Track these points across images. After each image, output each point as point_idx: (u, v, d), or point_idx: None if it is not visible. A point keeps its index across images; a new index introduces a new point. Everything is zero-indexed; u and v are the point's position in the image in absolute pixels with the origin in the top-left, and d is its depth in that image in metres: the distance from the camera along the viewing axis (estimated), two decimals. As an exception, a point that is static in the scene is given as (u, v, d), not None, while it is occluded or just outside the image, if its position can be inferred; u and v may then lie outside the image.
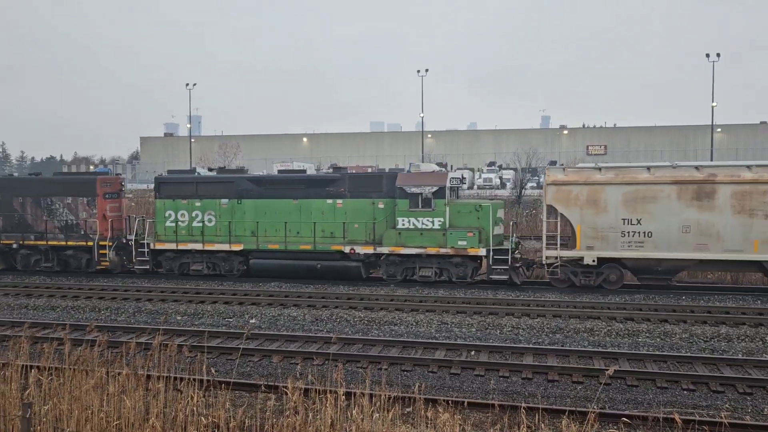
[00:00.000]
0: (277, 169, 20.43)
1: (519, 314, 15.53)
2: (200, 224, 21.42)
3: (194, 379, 8.43)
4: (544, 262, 18.50)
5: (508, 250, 18.63)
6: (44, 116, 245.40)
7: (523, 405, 7.88)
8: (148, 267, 21.56)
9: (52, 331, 13.12)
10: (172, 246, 21.37)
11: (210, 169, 27.11)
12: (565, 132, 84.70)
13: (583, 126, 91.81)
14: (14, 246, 22.66)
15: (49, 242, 22.47)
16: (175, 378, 8.60)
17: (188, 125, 77.97)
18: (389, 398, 7.77)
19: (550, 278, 18.60)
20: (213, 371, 9.27)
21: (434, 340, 13.37)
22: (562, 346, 13.07)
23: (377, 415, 7.39)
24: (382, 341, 13.16)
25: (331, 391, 7.81)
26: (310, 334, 13.82)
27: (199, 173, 23.86)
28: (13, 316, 15.84)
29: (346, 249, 19.81)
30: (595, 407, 8.06)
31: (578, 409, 8.36)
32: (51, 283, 20.65)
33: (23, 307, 17.27)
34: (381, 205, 19.86)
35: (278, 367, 11.50)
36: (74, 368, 8.06)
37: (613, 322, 14.74)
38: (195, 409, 7.66)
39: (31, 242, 22.61)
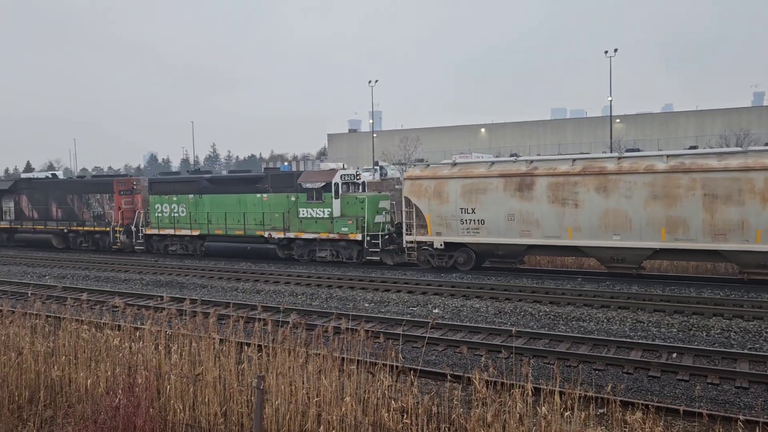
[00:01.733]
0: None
1: (730, 315, 13.91)
2: (176, 214, 27.38)
3: (384, 364, 8.77)
4: (404, 246, 21.68)
5: (379, 235, 22.08)
6: (247, 118, 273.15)
7: (741, 417, 7.00)
8: (143, 248, 28.07)
9: (258, 312, 14.49)
10: (156, 231, 27.85)
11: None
12: (783, 109, 73.91)
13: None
14: (65, 231, 31.19)
15: (86, 228, 30.57)
16: (367, 362, 9.00)
17: (370, 121, 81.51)
18: (580, 397, 7.39)
19: (413, 260, 21.73)
20: (401, 358, 9.56)
21: (629, 339, 12.47)
22: (785, 353, 11.42)
23: (568, 413, 7.07)
24: (569, 337, 12.59)
25: (518, 385, 7.63)
26: (494, 327, 13.66)
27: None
28: (226, 297, 17.78)
29: (266, 234, 24.56)
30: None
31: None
32: (255, 269, 22.85)
33: (234, 289, 19.31)
34: (293, 198, 24.03)
35: (462, 358, 11.54)
36: (279, 347, 8.75)
37: None
38: (385, 392, 7.94)
39: (75, 228, 30.82)
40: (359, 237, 22.33)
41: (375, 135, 78.97)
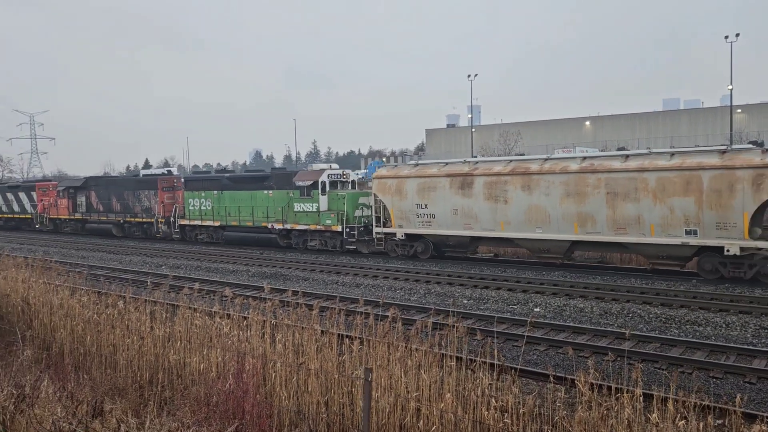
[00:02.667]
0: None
1: None
2: (204, 208, 31.36)
3: (484, 362, 8.64)
4: (374, 237, 24.63)
5: (355, 227, 25.01)
6: (348, 115, 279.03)
7: None
8: (179, 236, 32.61)
9: (358, 306, 14.75)
10: (188, 222, 32.20)
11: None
12: None
13: None
14: (122, 221, 36.31)
15: (137, 219, 35.40)
16: (466, 359, 8.91)
17: (469, 116, 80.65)
18: (695, 406, 6.91)
19: (382, 249, 24.63)
20: (501, 356, 9.38)
21: (751, 347, 11.53)
22: None
23: (682, 422, 6.63)
24: (683, 342, 11.83)
25: (627, 389, 7.25)
26: (599, 328, 13.10)
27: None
28: (327, 290, 18.25)
29: (269, 225, 28.09)
30: None
31: None
32: (355, 263, 23.30)
33: (334, 282, 19.79)
34: (291, 194, 27.35)
35: (566, 359, 11.16)
36: (379, 341, 8.84)
37: None
38: (485, 390, 7.82)
39: (129, 219, 35.81)
40: (340, 228, 25.42)
41: (473, 130, 78.04)
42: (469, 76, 68.84)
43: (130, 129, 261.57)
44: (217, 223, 30.76)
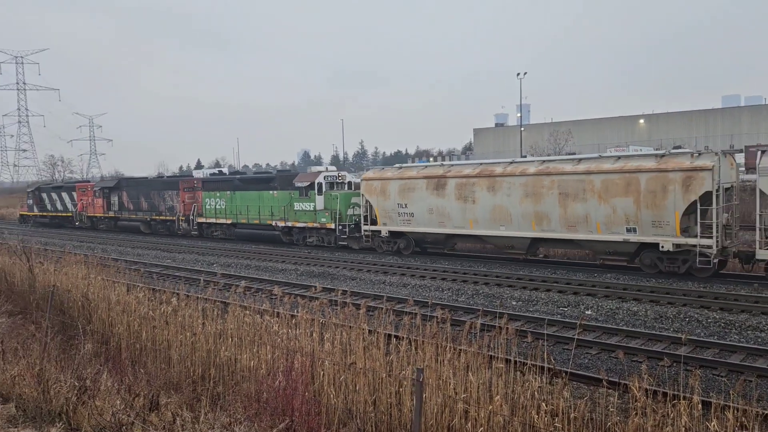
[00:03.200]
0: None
1: None
2: (218, 207, 34.01)
3: (533, 365, 8.50)
4: (362, 235, 26.46)
5: (347, 225, 27.17)
6: (394, 115, 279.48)
7: None
8: (197, 232, 35.50)
9: (406, 306, 14.75)
10: (204, 220, 34.97)
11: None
12: None
13: None
14: (149, 219, 39.04)
15: (161, 217, 38.25)
16: (515, 361, 8.78)
17: (518, 114, 79.58)
18: (758, 415, 6.62)
19: (371, 245, 26.32)
20: (551, 359, 9.21)
21: (818, 354, 10.97)
22: None
23: (743, 433, 6.36)
24: (744, 348, 11.35)
25: (684, 396, 7.00)
26: (654, 332, 12.70)
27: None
28: (374, 290, 18.32)
29: (273, 223, 30.53)
30: None
31: None
32: (402, 263, 23.31)
33: (381, 282, 19.84)
34: (292, 195, 29.47)
35: (618, 363, 10.86)
36: (427, 341, 8.81)
37: None
38: (535, 393, 7.69)
39: (155, 217, 38.64)
40: (333, 226, 27.58)
41: (522, 129, 76.94)
42: (518, 74, 67.85)
43: (183, 131, 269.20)
44: (229, 221, 33.51)
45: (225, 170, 72.49)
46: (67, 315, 13.55)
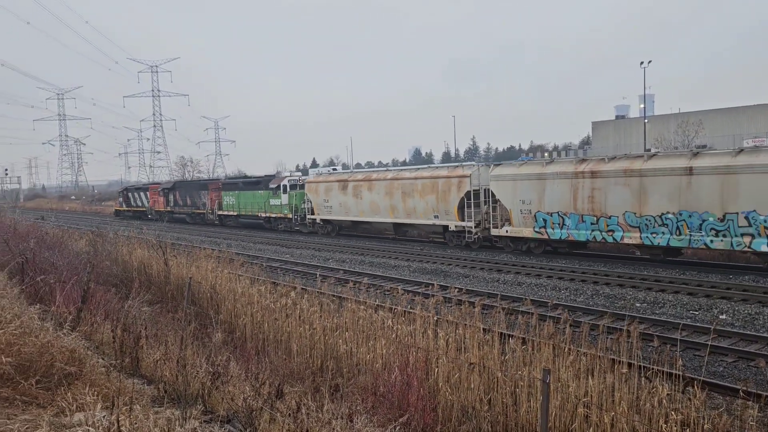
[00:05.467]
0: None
1: None
2: (231, 202, 45.01)
3: (661, 371, 8.01)
4: (307, 222, 36.64)
5: (298, 216, 37.52)
6: (507, 110, 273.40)
7: None
8: (218, 221, 46.95)
9: (522, 305, 14.44)
10: (222, 213, 46.21)
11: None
12: None
13: None
14: (190, 212, 49.98)
15: (198, 210, 49.49)
16: (640, 366, 8.33)
17: (641, 105, 75.10)
18: None
19: (313, 230, 36.48)
20: (680, 365, 8.64)
21: None
22: None
23: None
24: None
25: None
26: (801, 340, 11.53)
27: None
28: (487, 288, 18.08)
29: (259, 214, 41.32)
30: None
31: None
32: (516, 261, 22.83)
33: (495, 281, 19.54)
34: (270, 194, 39.91)
35: (758, 372, 9.98)
36: (545, 342, 8.58)
37: None
38: (663, 401, 7.26)
39: (194, 211, 49.96)
40: (291, 216, 38.23)
41: (646, 121, 72.54)
42: (642, 63, 64.04)
43: (301, 131, 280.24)
44: (235, 213, 44.97)
45: (339, 168, 75.13)
46: (198, 305, 14.57)
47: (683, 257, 21.79)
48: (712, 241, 18.45)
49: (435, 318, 10.27)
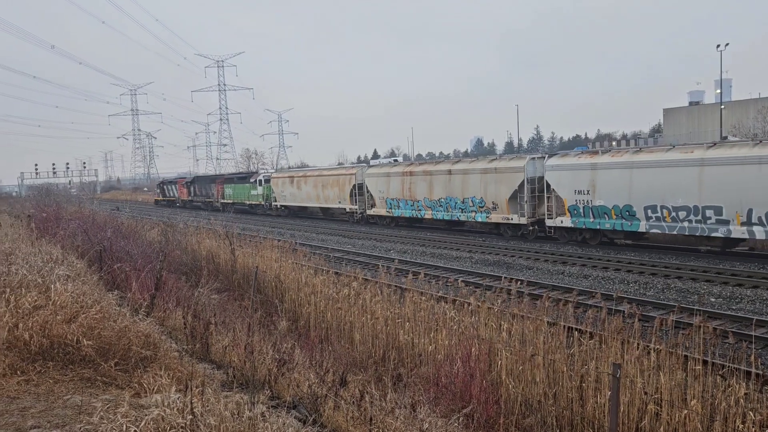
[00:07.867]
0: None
1: None
2: (230, 193, 55.55)
3: (738, 368, 7.66)
4: (273, 207, 48.73)
5: (270, 203, 49.31)
6: (572, 97, 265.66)
7: None
8: (221, 208, 55.35)
9: (587, 298, 14.08)
10: (225, 201, 55.81)
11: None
12: None
13: None
14: (205, 201, 62.27)
15: (208, 200, 59.98)
16: (715, 363, 7.98)
17: (717, 91, 71.43)
18: None
19: (278, 214, 48.26)
20: (759, 363, 8.23)
21: None
22: None
23: None
24: None
25: None
26: None
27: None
28: (552, 280, 17.72)
29: (245, 202, 53.13)
30: None
31: None
32: (582, 253, 22.26)
33: (559, 273, 19.13)
34: (252, 186, 51.95)
35: None
36: (612, 336, 8.35)
37: None
38: (740, 400, 6.94)
39: (206, 200, 60.91)
40: (264, 203, 49.96)
41: (723, 107, 69.00)
42: (718, 46, 60.88)
43: (363, 122, 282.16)
44: (231, 201, 54.86)
45: (399, 159, 75.41)
46: (263, 294, 14.97)
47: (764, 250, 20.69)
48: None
49: (499, 310, 10.16)
